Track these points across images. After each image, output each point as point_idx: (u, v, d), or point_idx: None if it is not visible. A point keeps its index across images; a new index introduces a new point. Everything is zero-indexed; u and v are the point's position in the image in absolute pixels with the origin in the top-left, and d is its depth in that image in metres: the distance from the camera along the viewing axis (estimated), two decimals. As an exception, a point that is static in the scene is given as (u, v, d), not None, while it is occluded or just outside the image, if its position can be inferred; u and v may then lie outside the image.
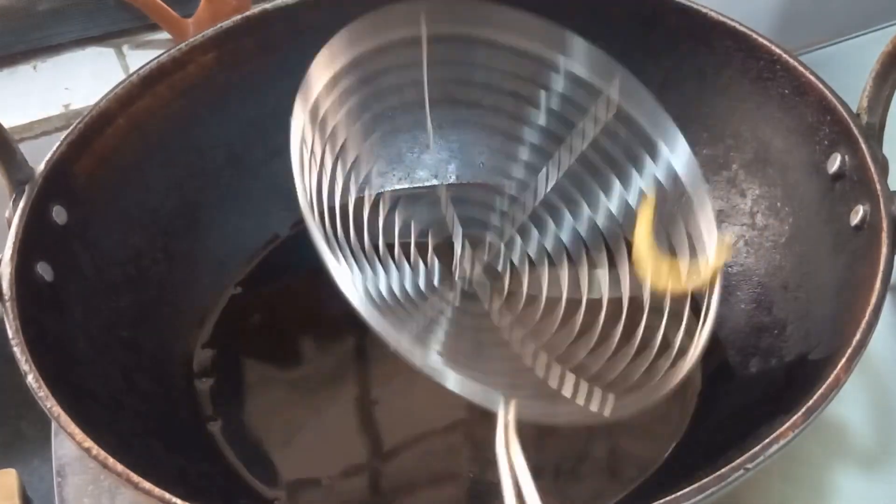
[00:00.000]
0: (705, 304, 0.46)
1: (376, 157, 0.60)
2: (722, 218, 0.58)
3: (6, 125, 0.50)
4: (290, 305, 0.60)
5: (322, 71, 0.47)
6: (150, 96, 0.57)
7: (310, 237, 0.45)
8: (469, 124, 0.65)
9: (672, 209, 0.49)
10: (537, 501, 0.37)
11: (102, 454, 0.40)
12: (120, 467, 0.40)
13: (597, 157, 0.52)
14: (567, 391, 0.47)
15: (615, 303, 0.51)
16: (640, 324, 0.49)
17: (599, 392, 0.46)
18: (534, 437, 0.50)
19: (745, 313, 0.55)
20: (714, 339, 0.55)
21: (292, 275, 0.61)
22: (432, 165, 0.66)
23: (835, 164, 0.50)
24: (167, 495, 0.38)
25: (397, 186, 0.65)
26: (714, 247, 0.46)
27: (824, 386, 0.41)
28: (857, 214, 0.47)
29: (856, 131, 0.48)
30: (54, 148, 0.52)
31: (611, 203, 0.53)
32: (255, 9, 0.60)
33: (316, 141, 0.47)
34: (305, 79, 0.45)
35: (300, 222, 0.64)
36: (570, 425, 0.48)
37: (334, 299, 0.59)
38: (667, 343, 0.47)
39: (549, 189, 0.55)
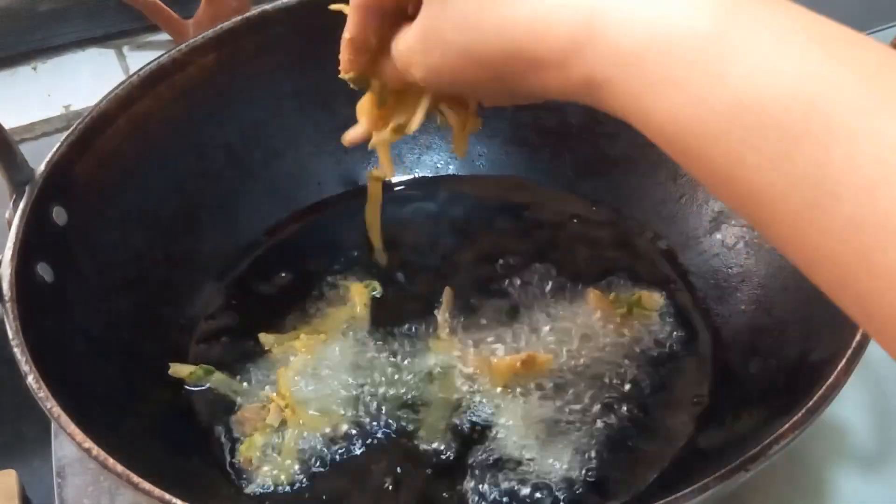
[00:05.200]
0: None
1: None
2: (722, 219, 0.58)
3: (7, 126, 0.50)
4: (289, 306, 0.59)
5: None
6: (150, 97, 0.57)
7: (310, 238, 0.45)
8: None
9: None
10: None
11: (102, 455, 0.40)
12: (120, 467, 0.39)
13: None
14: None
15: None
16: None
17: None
18: (539, 440, 0.50)
19: (746, 315, 0.55)
20: (715, 341, 0.55)
21: (292, 275, 0.61)
22: (432, 165, 0.66)
23: (835, 165, 0.50)
24: (167, 495, 0.38)
25: (395, 189, 0.66)
26: None
27: (824, 387, 0.41)
28: (858, 215, 0.47)
29: (856, 132, 0.48)
30: (55, 149, 0.52)
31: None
32: (255, 10, 0.60)
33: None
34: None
35: (300, 223, 0.64)
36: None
37: (333, 300, 0.60)
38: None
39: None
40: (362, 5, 0.39)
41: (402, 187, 0.66)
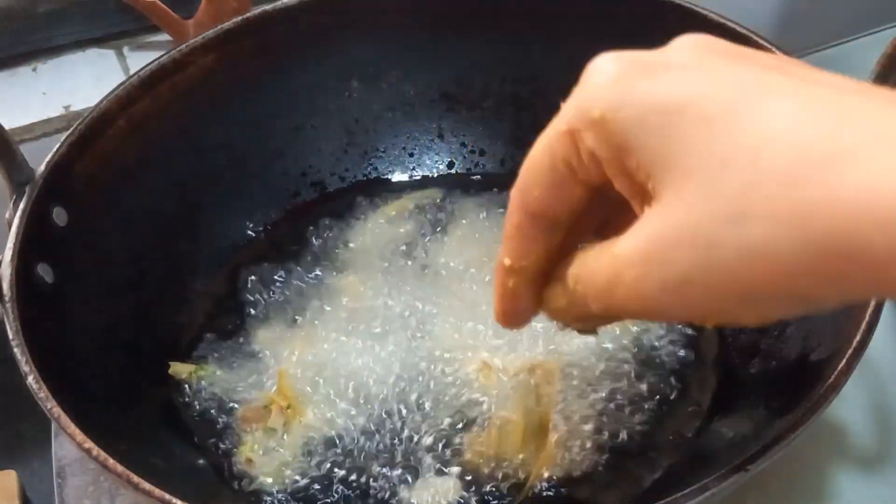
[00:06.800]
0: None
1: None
2: (722, 219, 0.58)
3: (7, 126, 0.50)
4: (289, 305, 0.59)
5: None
6: (150, 98, 0.57)
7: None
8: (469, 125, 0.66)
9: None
10: None
11: (102, 455, 0.40)
12: (120, 468, 0.39)
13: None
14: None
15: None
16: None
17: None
18: (539, 439, 0.50)
19: (746, 314, 0.55)
20: (716, 341, 0.55)
21: (292, 275, 0.61)
22: (431, 165, 0.66)
23: (835, 165, 0.50)
24: (167, 496, 0.38)
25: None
26: None
27: (824, 387, 0.41)
28: (858, 215, 0.47)
29: (856, 132, 0.48)
30: (55, 149, 0.52)
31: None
32: (255, 10, 0.60)
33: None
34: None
35: (300, 223, 0.64)
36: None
37: (333, 299, 0.60)
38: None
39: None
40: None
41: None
